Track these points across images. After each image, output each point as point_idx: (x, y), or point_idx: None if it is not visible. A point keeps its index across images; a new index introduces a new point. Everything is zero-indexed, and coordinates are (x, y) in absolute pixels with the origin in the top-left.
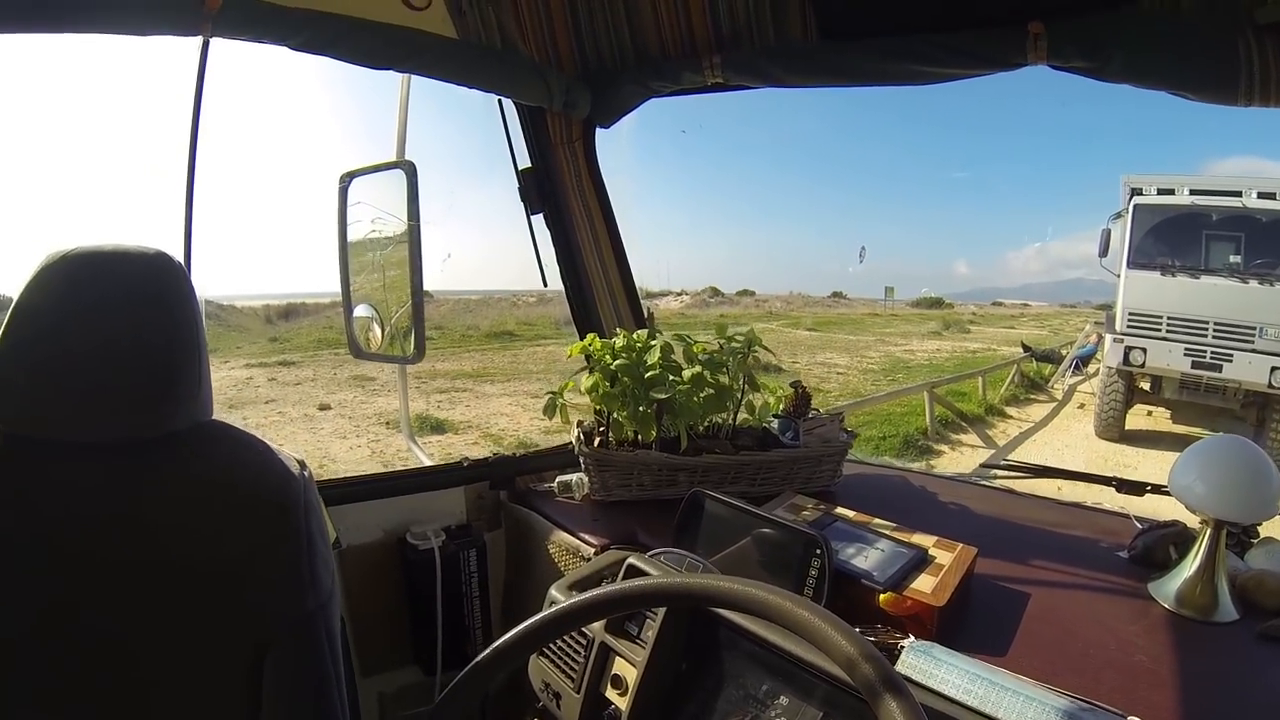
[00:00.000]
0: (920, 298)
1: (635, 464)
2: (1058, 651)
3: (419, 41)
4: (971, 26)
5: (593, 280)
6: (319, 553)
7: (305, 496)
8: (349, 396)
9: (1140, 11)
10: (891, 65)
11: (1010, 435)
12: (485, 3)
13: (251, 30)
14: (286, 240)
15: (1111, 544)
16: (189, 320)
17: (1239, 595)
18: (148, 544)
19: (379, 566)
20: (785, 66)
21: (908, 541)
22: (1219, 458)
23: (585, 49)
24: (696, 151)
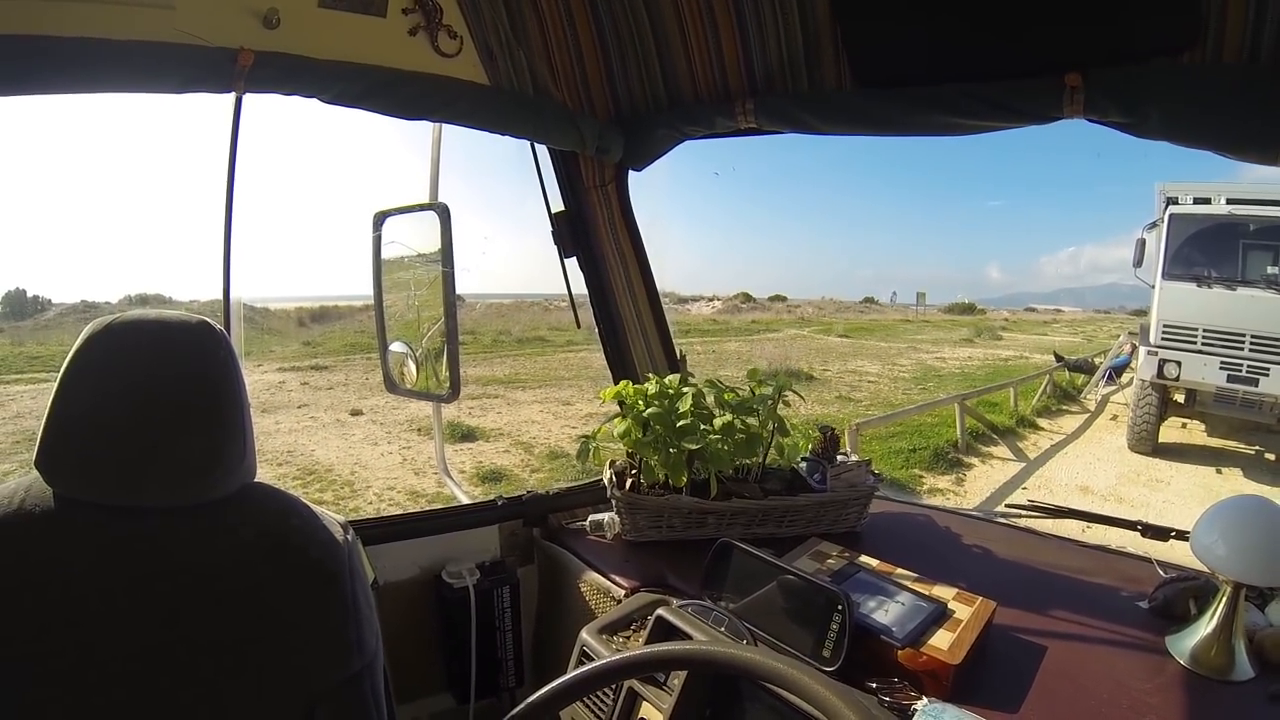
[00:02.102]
0: (953, 304)
1: (666, 507)
2: (1069, 708)
3: (451, 90)
4: (1007, 77)
5: (626, 323)
6: (364, 617)
7: (350, 563)
8: (380, 402)
9: (1180, 66)
10: (925, 116)
11: (1042, 448)
12: (516, 48)
13: (284, 85)
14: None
15: (1132, 593)
16: (232, 387)
17: (1256, 652)
18: (196, 607)
19: (415, 602)
20: (818, 114)
21: (928, 595)
22: (1241, 519)
23: (618, 93)
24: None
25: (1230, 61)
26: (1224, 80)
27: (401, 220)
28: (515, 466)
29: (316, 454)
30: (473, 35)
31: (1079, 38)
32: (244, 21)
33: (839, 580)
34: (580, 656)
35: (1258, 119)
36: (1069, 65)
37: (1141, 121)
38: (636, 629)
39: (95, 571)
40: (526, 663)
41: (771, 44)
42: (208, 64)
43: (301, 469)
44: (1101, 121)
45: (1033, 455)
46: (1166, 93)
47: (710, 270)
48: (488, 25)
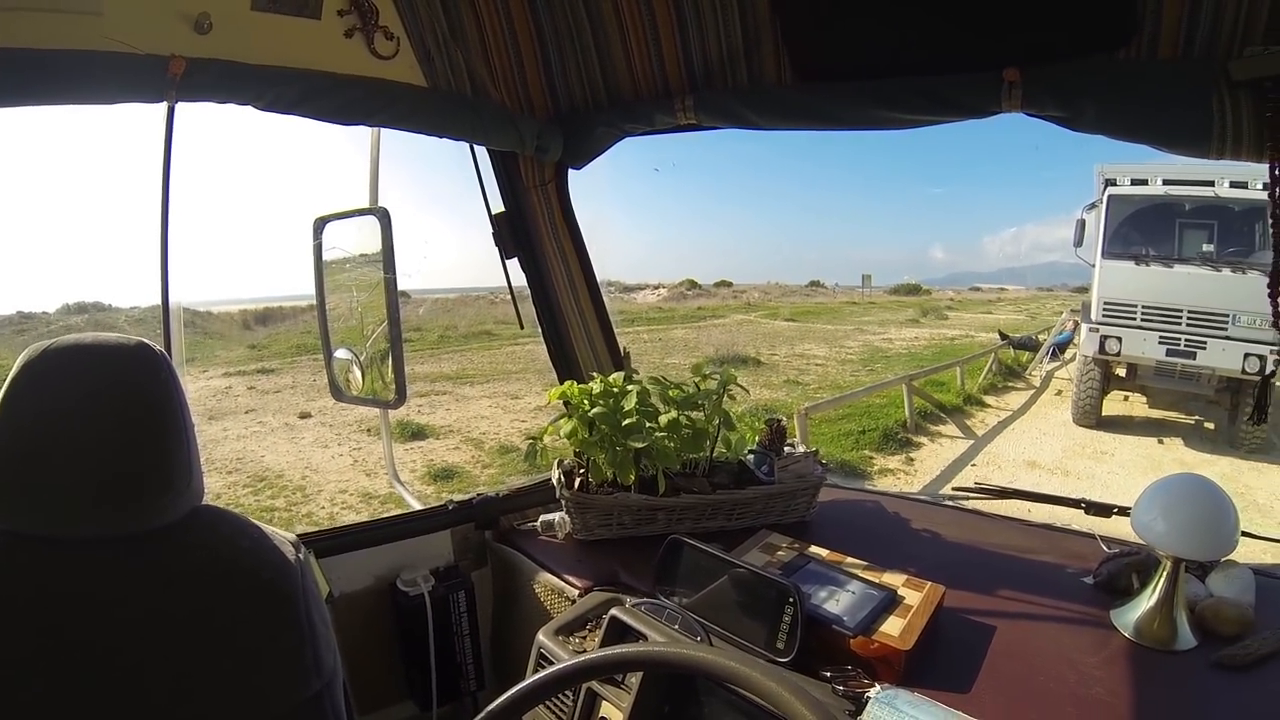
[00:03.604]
0: (898, 285)
1: (615, 505)
2: (1020, 686)
3: (388, 94)
4: (947, 72)
5: (569, 322)
6: (321, 636)
7: (304, 582)
8: (329, 403)
9: (1115, 62)
10: (864, 110)
11: (989, 425)
12: (454, 48)
13: (217, 93)
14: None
15: (1078, 569)
16: (175, 409)
17: (1197, 623)
18: (147, 637)
19: (372, 612)
20: (757, 109)
21: (878, 582)
22: (1179, 497)
23: (558, 92)
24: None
25: (1165, 58)
26: (1158, 76)
27: (342, 225)
28: (466, 463)
29: (266, 460)
30: (410, 36)
31: (1018, 34)
32: (175, 27)
33: (789, 572)
34: (538, 659)
35: (1190, 114)
36: (1008, 61)
37: (1078, 116)
38: (592, 629)
39: (41, 606)
40: (486, 666)
41: (711, 40)
42: (138, 72)
43: (251, 476)
44: (1039, 115)
45: (981, 432)
46: (1102, 88)
47: (656, 258)
48: (425, 26)
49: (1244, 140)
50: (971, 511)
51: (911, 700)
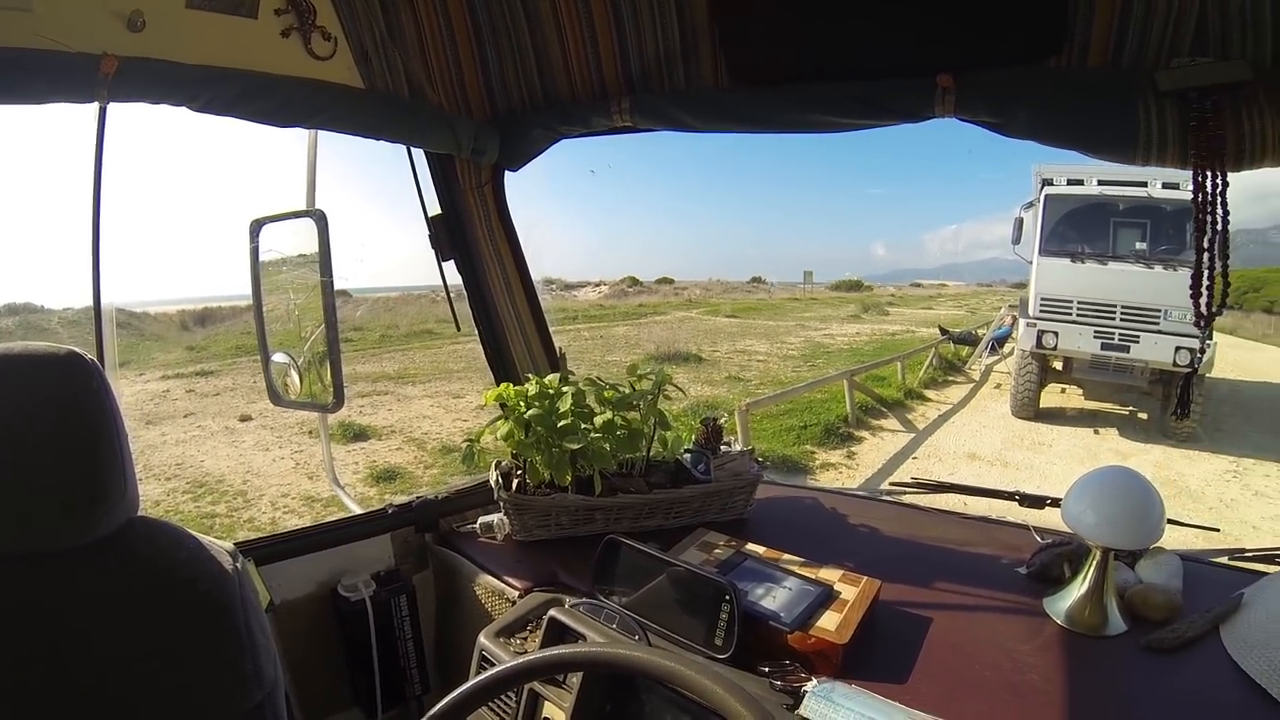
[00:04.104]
0: (840, 281)
1: (553, 506)
2: (956, 676)
3: (325, 95)
4: (882, 77)
5: (505, 324)
6: (261, 647)
7: (242, 592)
8: (270, 406)
9: (1047, 69)
10: (800, 114)
11: (930, 418)
12: (392, 49)
13: (150, 93)
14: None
15: (1012, 560)
16: (107, 420)
17: (1127, 609)
18: (84, 653)
19: (314, 620)
20: (693, 112)
21: (815, 578)
22: (1107, 489)
23: (495, 93)
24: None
25: (1094, 67)
26: (1088, 84)
27: (279, 228)
28: (409, 464)
29: (206, 465)
30: (347, 37)
31: (951, 41)
32: (107, 25)
33: (726, 570)
34: (480, 661)
35: (1118, 121)
36: (942, 67)
37: (1009, 121)
38: (532, 629)
39: None
40: (431, 669)
41: (648, 42)
42: (69, 71)
43: (191, 482)
44: (972, 121)
45: (921, 426)
46: (1034, 95)
47: (598, 256)
48: (363, 26)
49: (1168, 148)
50: (908, 506)
51: (848, 692)
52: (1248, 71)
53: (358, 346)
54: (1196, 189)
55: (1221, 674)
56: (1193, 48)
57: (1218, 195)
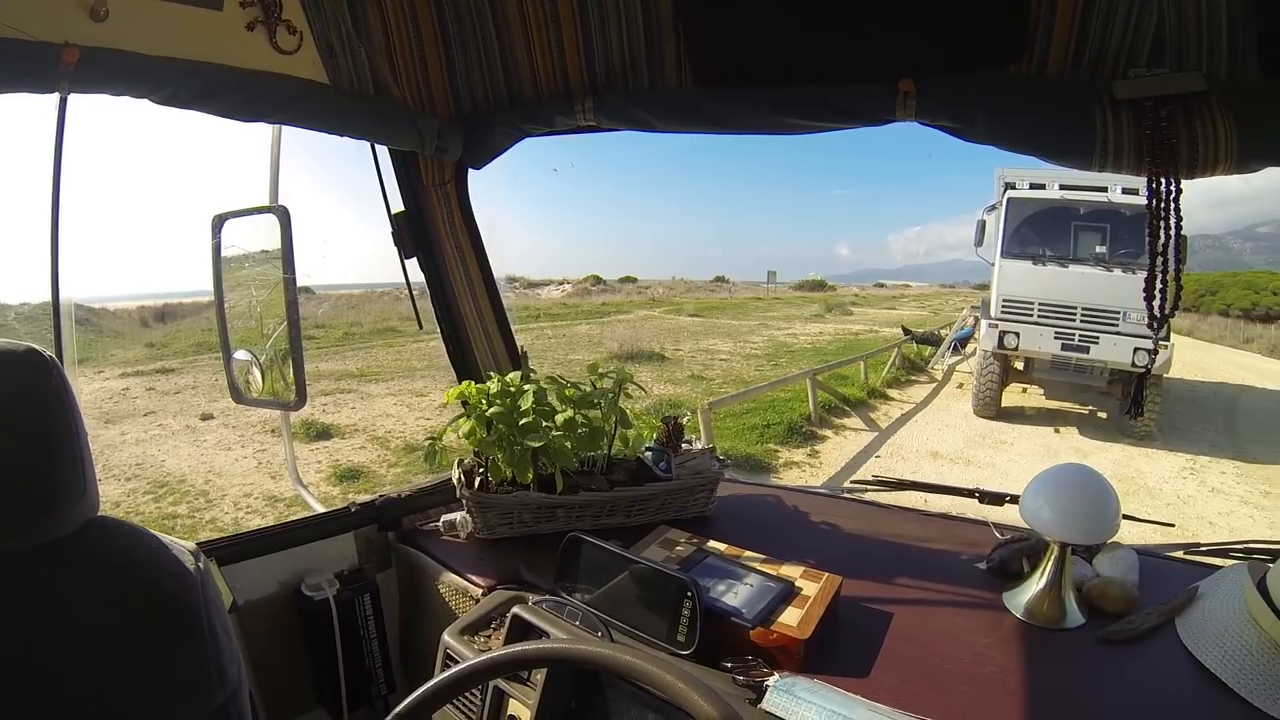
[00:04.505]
0: (804, 280)
1: (515, 504)
2: (917, 669)
3: (289, 90)
4: (844, 81)
5: (468, 322)
6: (224, 647)
7: (205, 592)
8: (232, 404)
9: (1006, 76)
10: (762, 115)
11: (893, 417)
12: (358, 45)
13: (112, 85)
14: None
15: (972, 555)
16: (66, 418)
17: (1085, 602)
18: (44, 656)
19: (278, 620)
20: (657, 112)
21: (775, 574)
22: (1064, 485)
23: (459, 91)
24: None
25: (1053, 75)
26: (1047, 91)
27: (242, 223)
28: (373, 463)
29: (167, 464)
30: (313, 31)
31: (913, 47)
32: (69, 14)
33: (688, 567)
34: (444, 659)
35: (1075, 128)
36: (903, 72)
37: (969, 127)
38: (496, 627)
39: None
40: (396, 669)
41: (614, 42)
42: (29, 61)
43: (152, 482)
44: (932, 125)
45: (884, 425)
46: (993, 101)
47: (561, 254)
48: (329, 20)
49: (1124, 154)
50: (869, 503)
51: (810, 686)
52: (1202, 83)
53: (321, 344)
54: (1151, 195)
55: (1177, 664)
56: (1149, 59)
57: (1171, 201)
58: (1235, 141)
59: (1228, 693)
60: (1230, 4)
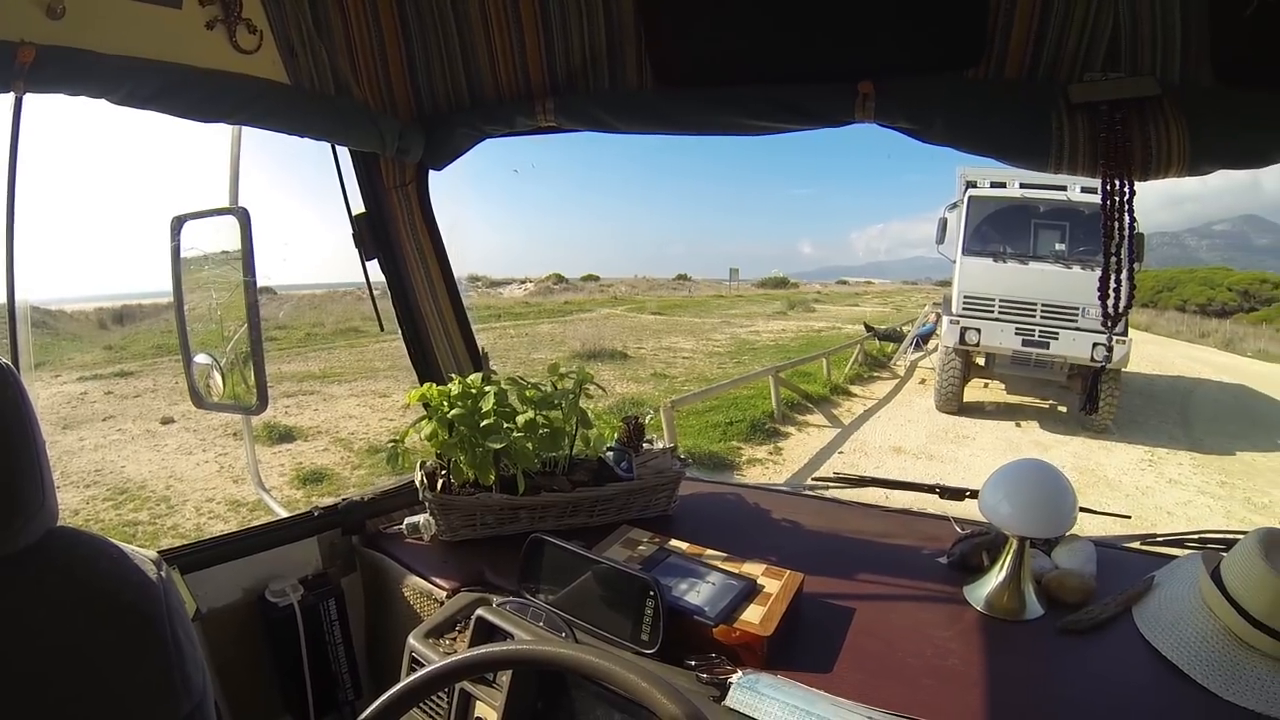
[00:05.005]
0: (766, 278)
1: (477, 506)
2: (879, 663)
3: (249, 90)
4: (804, 82)
5: (429, 323)
6: (188, 656)
7: (167, 601)
8: (193, 407)
9: (964, 79)
10: (723, 116)
11: (856, 413)
12: (319, 44)
13: (69, 84)
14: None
15: (933, 550)
16: (23, 426)
17: (1044, 593)
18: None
19: (242, 627)
20: (617, 113)
21: (738, 572)
22: (1021, 480)
23: (421, 91)
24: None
25: (1010, 79)
26: (1004, 94)
27: (202, 225)
28: (336, 465)
29: (127, 470)
30: (273, 30)
31: (873, 49)
32: (24, 11)
33: (650, 566)
34: (410, 663)
35: (1031, 131)
36: (862, 74)
37: (927, 128)
38: (461, 630)
39: None
40: (362, 673)
41: (575, 43)
42: None
43: (112, 489)
44: (890, 126)
45: (847, 421)
46: (951, 103)
47: (523, 253)
48: (289, 20)
49: (1079, 157)
50: (831, 500)
51: (773, 683)
52: (1155, 87)
53: (282, 345)
54: (1105, 196)
55: (1135, 652)
56: (1104, 63)
57: (1125, 202)
58: (1187, 144)
59: (1184, 679)
60: (1184, 11)
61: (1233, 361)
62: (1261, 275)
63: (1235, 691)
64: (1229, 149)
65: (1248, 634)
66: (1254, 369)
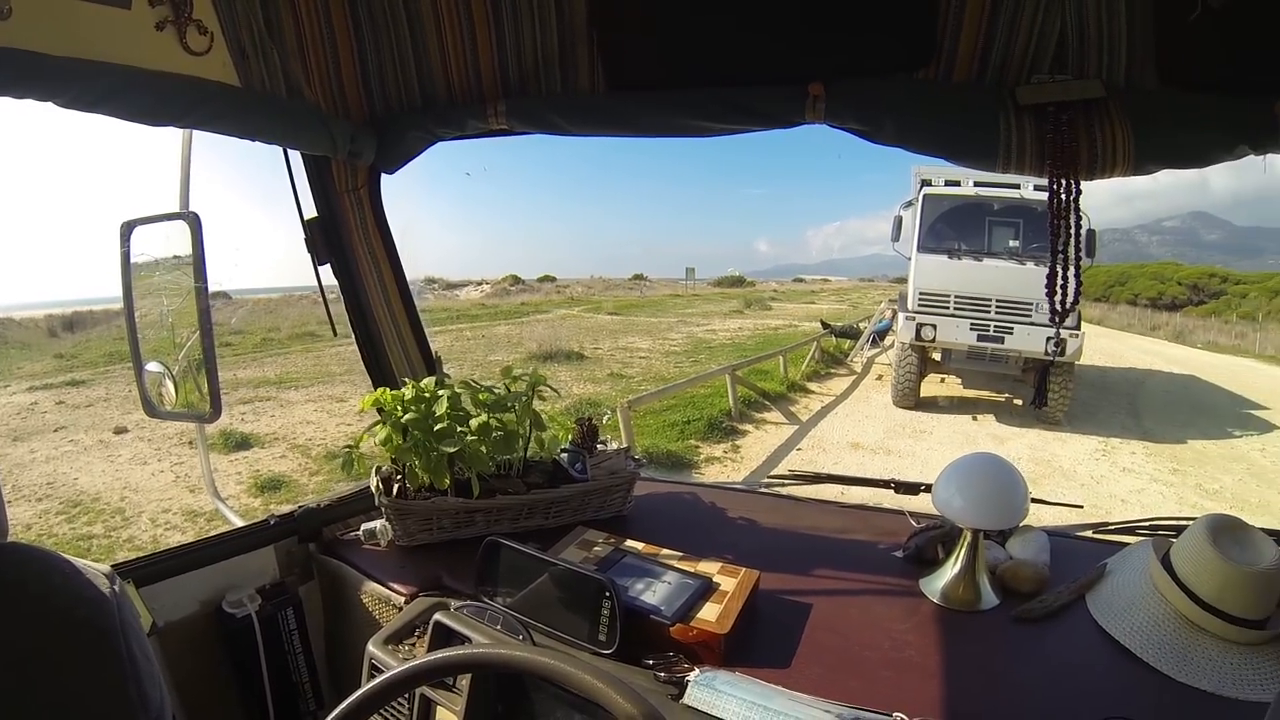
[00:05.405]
0: (723, 277)
1: (433, 510)
2: (837, 657)
3: (199, 92)
4: (755, 84)
5: (382, 328)
6: (144, 671)
7: (122, 615)
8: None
9: (914, 81)
10: (675, 119)
11: (814, 410)
12: (270, 46)
13: (14, 87)
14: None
15: (889, 545)
16: None
17: (999, 583)
18: None
19: (200, 640)
20: (569, 116)
21: (693, 571)
22: (973, 474)
23: (373, 94)
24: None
25: (959, 80)
26: (953, 96)
27: (152, 230)
28: (294, 471)
29: (80, 482)
30: (224, 32)
31: (824, 51)
32: None
33: (605, 567)
34: (370, 670)
35: (981, 131)
36: (813, 76)
37: (877, 129)
38: (420, 635)
39: None
40: (323, 683)
41: (527, 46)
42: None
43: (65, 502)
44: (840, 127)
45: (805, 418)
46: (901, 105)
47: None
48: (240, 21)
49: (1027, 157)
50: (787, 497)
51: (730, 679)
52: (1101, 90)
53: (238, 351)
54: (1052, 196)
55: (1089, 638)
56: (1052, 66)
57: (1071, 201)
58: (1132, 145)
59: (1137, 662)
60: (1129, 16)
61: (1184, 353)
62: (1210, 270)
63: (1187, 673)
64: (1172, 149)
65: (1198, 617)
66: (1203, 360)
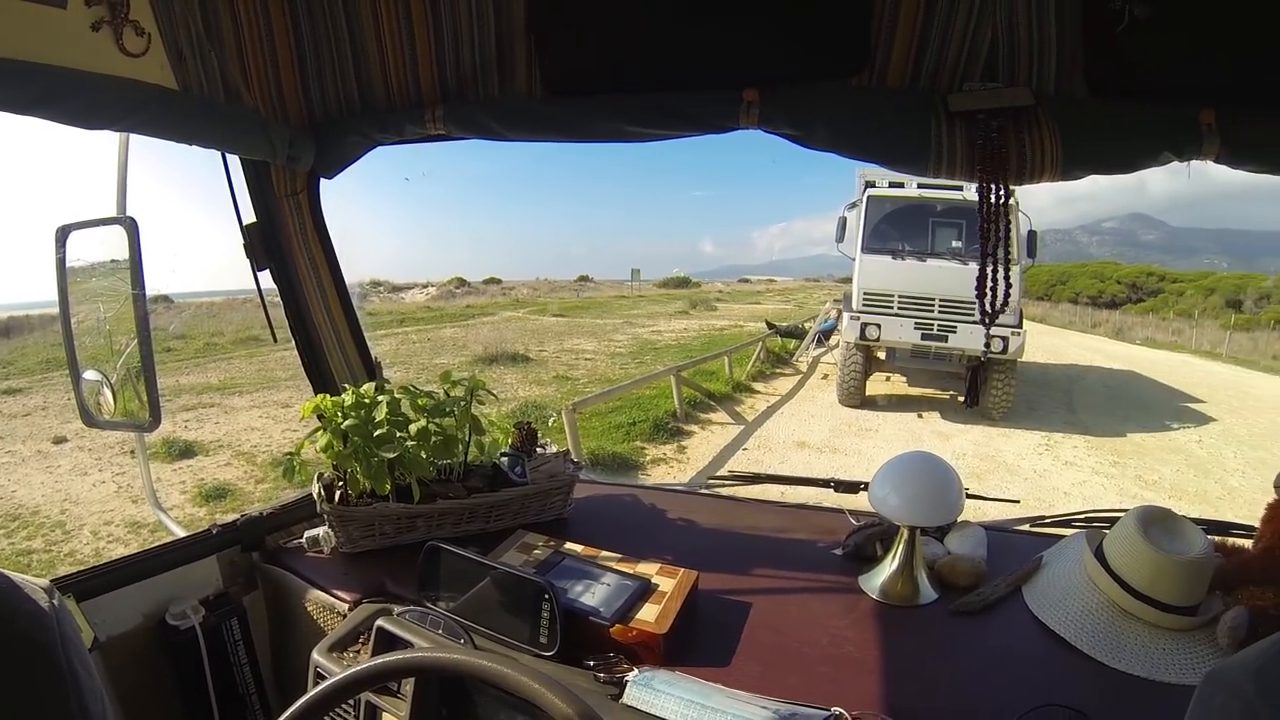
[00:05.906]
0: (668, 278)
1: (375, 516)
2: (776, 655)
3: (136, 95)
4: (691, 89)
5: (322, 333)
6: (85, 687)
7: (61, 629)
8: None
9: (847, 87)
10: (611, 124)
11: (760, 410)
12: (209, 49)
13: None
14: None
15: (828, 543)
16: None
17: (937, 578)
18: None
19: (143, 654)
20: (506, 121)
21: (632, 573)
22: (908, 473)
23: (312, 98)
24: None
25: (892, 88)
26: (886, 102)
27: (88, 235)
28: (239, 479)
29: (18, 495)
30: (162, 33)
31: (758, 58)
32: None
33: (545, 570)
34: (315, 678)
35: (912, 137)
36: (747, 82)
37: (810, 135)
38: (364, 642)
39: None
40: (270, 693)
41: (465, 51)
42: None
43: (2, 516)
44: (774, 133)
45: (751, 418)
46: (834, 111)
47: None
48: (178, 23)
49: (957, 162)
50: (727, 498)
51: (669, 679)
52: (1030, 97)
53: (180, 356)
54: (982, 201)
55: (1026, 629)
56: (983, 74)
57: (1001, 206)
58: (1060, 152)
59: (1073, 650)
60: (1059, 27)
61: (1124, 350)
62: (1148, 269)
63: (1121, 659)
64: (1099, 156)
65: (1131, 605)
66: (1142, 356)
